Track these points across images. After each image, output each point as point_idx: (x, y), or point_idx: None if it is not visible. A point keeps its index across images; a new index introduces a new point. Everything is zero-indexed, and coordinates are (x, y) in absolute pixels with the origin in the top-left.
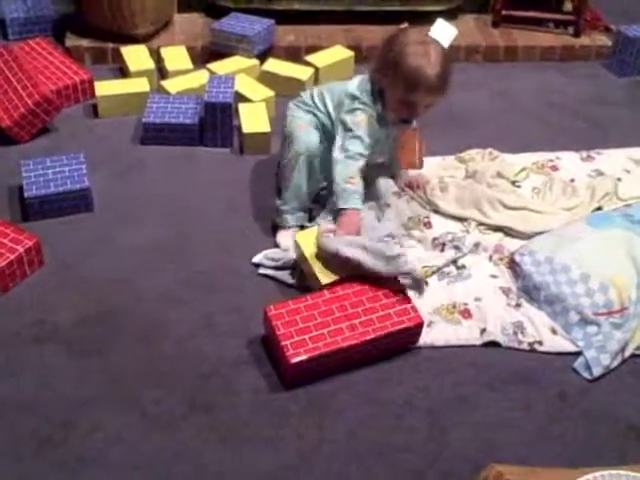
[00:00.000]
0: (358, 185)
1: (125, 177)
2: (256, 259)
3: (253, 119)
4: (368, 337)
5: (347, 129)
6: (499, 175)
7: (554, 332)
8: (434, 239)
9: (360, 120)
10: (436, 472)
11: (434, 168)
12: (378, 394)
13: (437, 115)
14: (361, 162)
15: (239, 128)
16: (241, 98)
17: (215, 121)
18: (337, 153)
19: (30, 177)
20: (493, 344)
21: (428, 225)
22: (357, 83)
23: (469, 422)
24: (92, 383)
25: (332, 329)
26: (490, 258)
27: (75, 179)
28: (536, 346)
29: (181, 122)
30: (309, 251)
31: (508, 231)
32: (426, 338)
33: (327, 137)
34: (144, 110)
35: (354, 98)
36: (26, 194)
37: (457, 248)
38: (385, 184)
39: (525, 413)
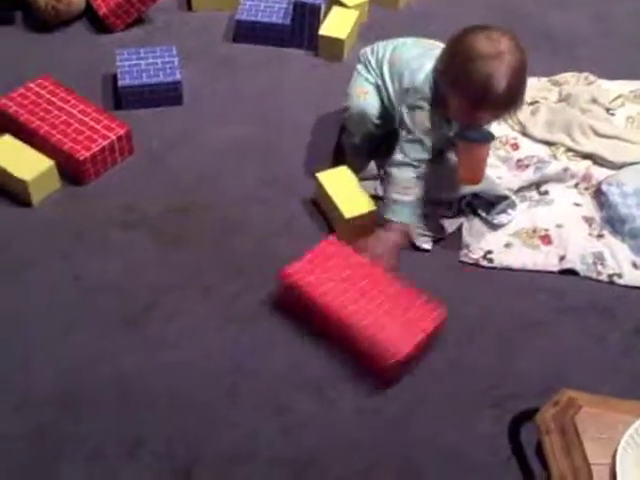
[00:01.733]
0: (412, 196)
1: (215, 73)
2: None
3: (337, 23)
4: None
5: (407, 129)
6: (593, 101)
7: (635, 266)
8: (518, 160)
9: (420, 120)
10: (503, 392)
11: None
12: (449, 310)
13: (532, 34)
14: (420, 169)
15: None
16: (335, 1)
17: (303, 22)
18: (395, 155)
19: (124, 66)
20: (571, 272)
21: (515, 146)
22: (423, 76)
23: (540, 347)
24: (174, 271)
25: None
26: (576, 185)
27: (167, 72)
28: (615, 278)
29: (273, 22)
30: (332, 189)
31: (597, 159)
32: (503, 260)
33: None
34: (237, 6)
35: (416, 92)
36: (119, 83)
37: (541, 171)
38: None
39: (598, 344)
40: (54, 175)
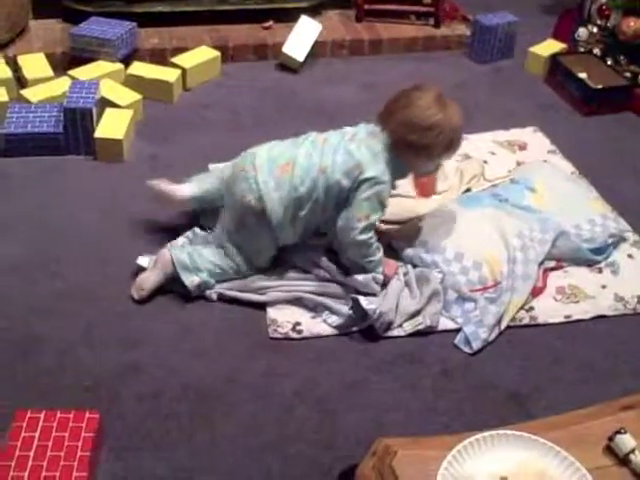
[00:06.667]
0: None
1: None
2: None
3: (112, 124)
4: None
5: (362, 215)
6: None
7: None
8: None
9: (377, 206)
10: (330, 458)
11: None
12: (266, 389)
13: (306, 108)
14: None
15: None
16: (108, 103)
17: (76, 128)
18: (350, 236)
19: None
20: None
21: None
22: (372, 166)
23: (358, 406)
24: None
25: None
26: None
27: None
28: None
29: (44, 131)
30: None
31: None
32: (312, 329)
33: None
34: (4, 121)
35: (374, 181)
36: None
37: None
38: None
39: (411, 392)
40: None
